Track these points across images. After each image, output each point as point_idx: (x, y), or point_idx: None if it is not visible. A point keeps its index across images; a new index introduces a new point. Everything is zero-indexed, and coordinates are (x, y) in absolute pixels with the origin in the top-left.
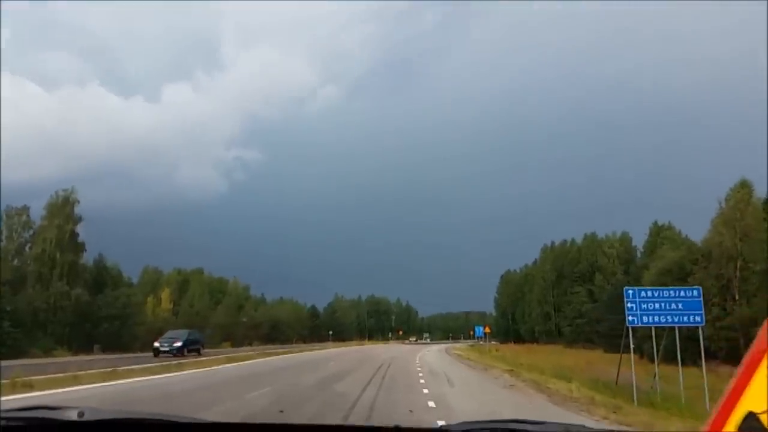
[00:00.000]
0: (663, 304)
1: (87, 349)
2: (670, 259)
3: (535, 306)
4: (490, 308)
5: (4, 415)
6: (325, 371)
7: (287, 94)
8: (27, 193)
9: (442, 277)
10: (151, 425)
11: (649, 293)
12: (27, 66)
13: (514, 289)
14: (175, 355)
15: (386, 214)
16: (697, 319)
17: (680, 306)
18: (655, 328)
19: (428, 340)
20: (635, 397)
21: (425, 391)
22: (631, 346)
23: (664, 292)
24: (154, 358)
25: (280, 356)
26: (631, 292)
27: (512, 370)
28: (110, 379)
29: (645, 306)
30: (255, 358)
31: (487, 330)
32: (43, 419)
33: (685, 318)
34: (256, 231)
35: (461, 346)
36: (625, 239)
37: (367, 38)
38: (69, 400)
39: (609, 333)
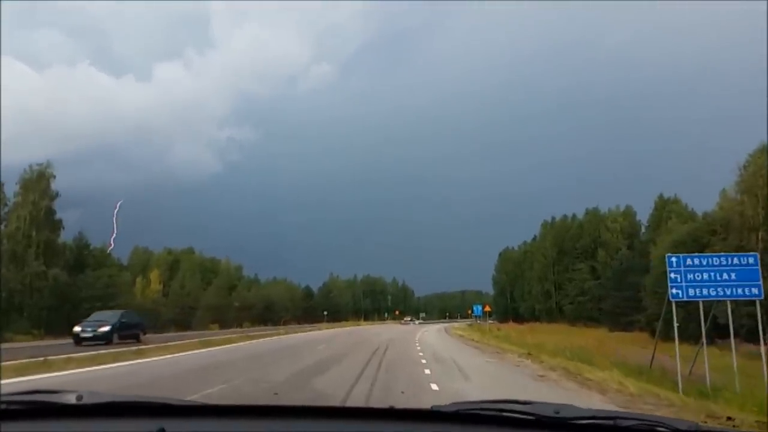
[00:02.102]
0: (713, 274)
1: (67, 332)
2: (683, 230)
3: (535, 284)
4: (486, 287)
5: (4, 398)
6: (308, 359)
7: (279, 72)
8: (15, 176)
9: (438, 256)
10: (149, 408)
11: (697, 261)
12: (15, 45)
13: (513, 267)
14: (103, 343)
15: (381, 193)
16: (755, 291)
17: (733, 276)
18: (702, 302)
19: (423, 321)
20: (680, 386)
21: (434, 387)
22: (675, 325)
23: (715, 259)
24: (75, 346)
25: (264, 339)
26: (675, 259)
27: (529, 353)
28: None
29: (692, 276)
30: (235, 342)
31: (487, 309)
32: (42, 402)
33: (740, 290)
34: (249, 211)
35: (459, 325)
36: (628, 213)
37: (358, 13)
38: None
39: (613, 310)
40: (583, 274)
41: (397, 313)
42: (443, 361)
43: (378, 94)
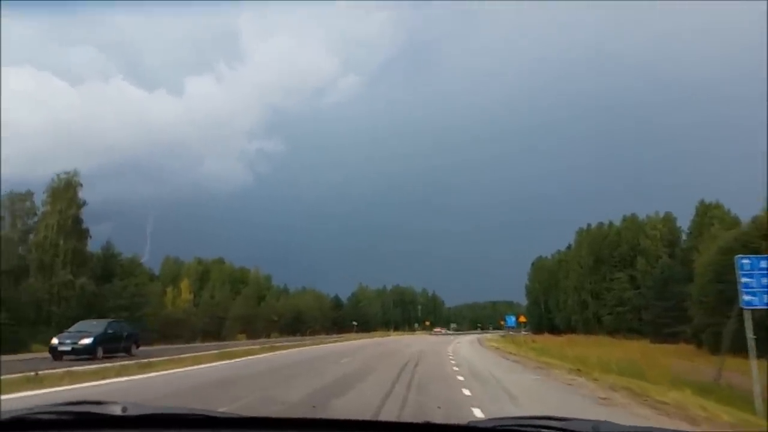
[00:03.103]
0: None
1: None
2: (729, 236)
3: (571, 293)
4: (518, 298)
5: (50, 409)
6: (330, 374)
7: (307, 85)
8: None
9: (468, 266)
10: (192, 420)
11: None
12: (52, 62)
13: (547, 277)
14: (87, 358)
15: (410, 202)
16: None
17: None
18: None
19: (455, 331)
20: (759, 407)
21: (478, 414)
22: (751, 337)
23: None
24: (54, 361)
25: (288, 350)
26: (746, 261)
27: (578, 369)
28: None
29: None
30: (256, 353)
31: (522, 319)
32: (89, 413)
33: None
34: (279, 221)
35: (492, 336)
36: (668, 220)
37: (385, 25)
38: None
39: (655, 321)
40: (621, 284)
41: (427, 323)
42: (483, 378)
43: (404, 103)
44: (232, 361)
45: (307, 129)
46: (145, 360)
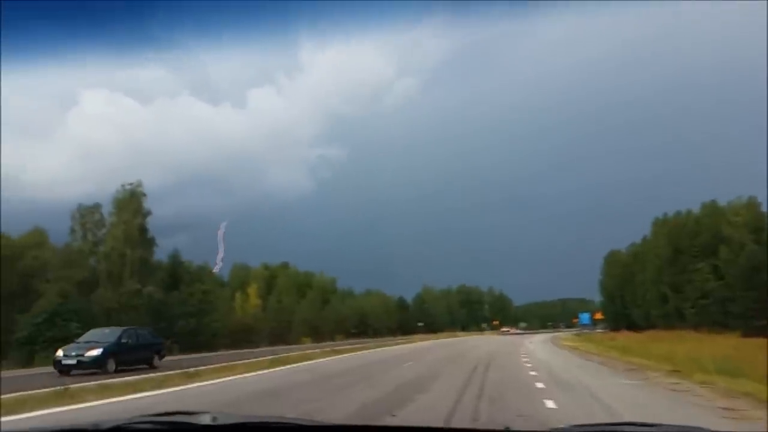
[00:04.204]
0: None
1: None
2: None
3: (649, 287)
4: (589, 294)
5: (146, 419)
6: (389, 382)
7: (364, 90)
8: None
9: (536, 263)
10: (281, 428)
11: None
12: (122, 82)
13: (622, 271)
14: (98, 372)
15: (471, 200)
16: None
17: None
18: None
19: (524, 330)
20: None
21: None
22: None
23: None
24: (60, 376)
25: (348, 354)
26: None
27: (675, 370)
28: None
29: None
30: (313, 358)
31: (598, 316)
32: (182, 423)
33: None
34: (342, 224)
35: (565, 335)
36: (752, 205)
37: (439, 25)
38: None
39: (745, 313)
40: (704, 275)
41: (495, 323)
42: (568, 385)
43: (462, 101)
44: (284, 368)
45: (366, 133)
46: (177, 371)
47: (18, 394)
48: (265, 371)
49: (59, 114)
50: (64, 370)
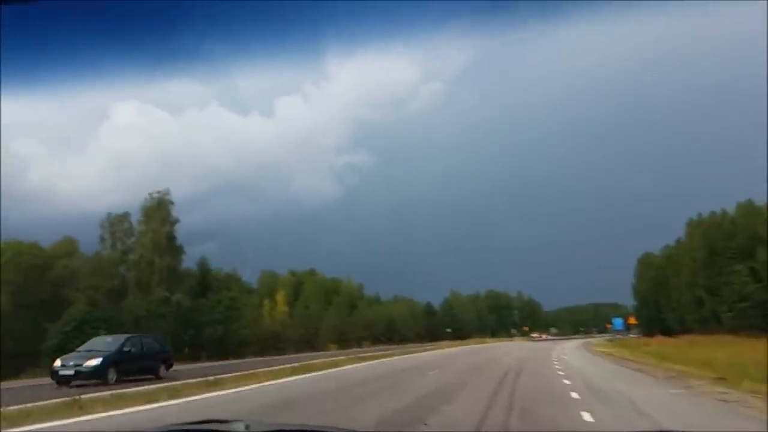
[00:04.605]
0: None
1: (194, 357)
2: None
3: (684, 291)
4: (622, 299)
5: (182, 427)
6: (411, 392)
7: (390, 96)
8: None
9: (567, 266)
10: None
11: None
12: (155, 95)
13: (656, 274)
14: (98, 383)
15: (499, 204)
16: None
17: None
18: None
19: (555, 336)
20: None
21: None
22: None
23: None
24: (59, 388)
25: (372, 362)
26: None
27: (721, 378)
28: None
29: None
30: (337, 366)
31: (632, 321)
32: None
33: None
34: (368, 231)
35: (598, 341)
36: None
37: (464, 29)
38: None
39: None
40: (741, 277)
41: (525, 328)
42: (605, 395)
43: (487, 103)
44: (306, 375)
45: (392, 139)
46: (195, 379)
47: (29, 405)
48: (287, 380)
49: (92, 127)
50: (62, 381)
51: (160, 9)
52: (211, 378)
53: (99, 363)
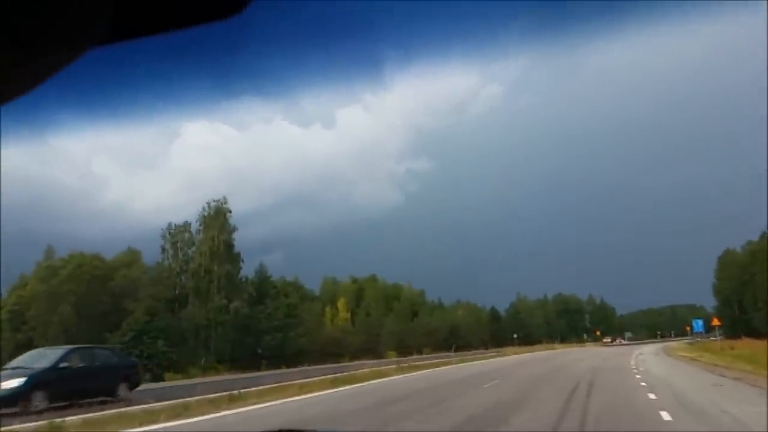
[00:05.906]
0: None
1: (254, 365)
2: None
3: None
4: (701, 300)
5: None
6: (459, 410)
7: (449, 102)
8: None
9: (640, 268)
10: None
11: None
12: (222, 113)
13: (738, 272)
14: (17, 410)
15: (565, 205)
16: None
17: None
18: None
19: (629, 341)
20: None
21: None
22: None
23: None
24: None
25: (425, 371)
26: None
27: None
28: None
29: None
30: (387, 375)
31: (716, 322)
32: None
33: None
34: (429, 236)
35: (678, 345)
36: None
37: (523, 29)
38: None
39: None
40: None
41: (597, 333)
42: (706, 414)
43: (548, 104)
44: (341, 389)
45: (452, 144)
46: (218, 393)
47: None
48: (316, 394)
49: (164, 147)
50: None
51: (224, 32)
52: (235, 392)
53: (21, 384)
